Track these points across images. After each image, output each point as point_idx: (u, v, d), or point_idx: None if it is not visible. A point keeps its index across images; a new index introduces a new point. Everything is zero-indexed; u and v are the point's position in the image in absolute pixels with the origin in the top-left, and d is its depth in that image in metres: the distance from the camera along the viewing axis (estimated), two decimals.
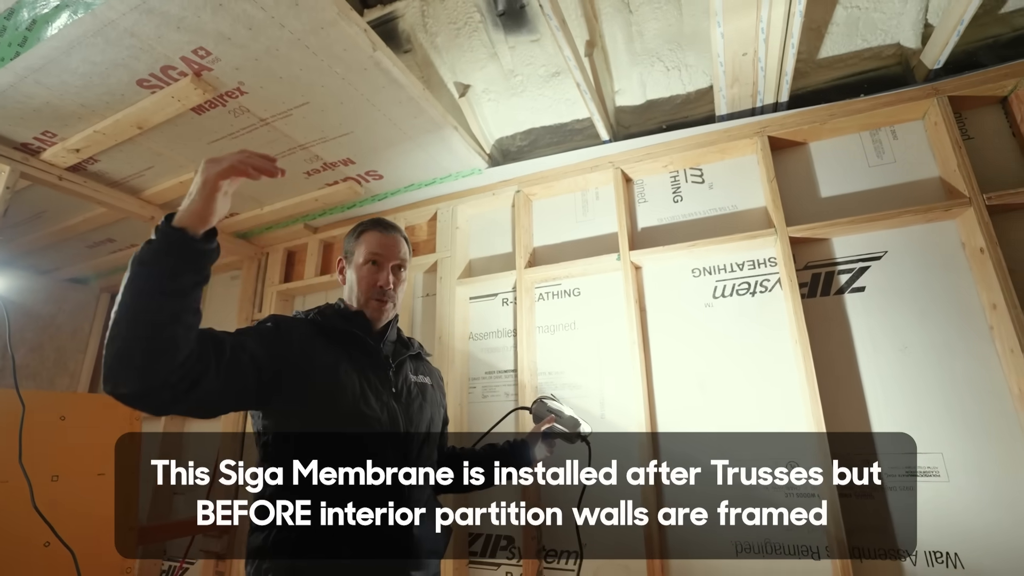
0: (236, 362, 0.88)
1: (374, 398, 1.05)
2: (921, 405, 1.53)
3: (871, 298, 1.67)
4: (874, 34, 1.78)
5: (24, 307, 3.15)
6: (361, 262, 1.16)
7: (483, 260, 2.37)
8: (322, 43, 1.46)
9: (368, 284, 1.14)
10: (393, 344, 1.20)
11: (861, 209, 1.73)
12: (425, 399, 1.17)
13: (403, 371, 1.16)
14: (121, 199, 2.29)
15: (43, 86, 1.59)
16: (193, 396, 0.81)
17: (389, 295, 1.15)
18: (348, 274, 1.19)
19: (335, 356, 1.05)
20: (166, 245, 0.76)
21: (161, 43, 1.44)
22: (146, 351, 0.75)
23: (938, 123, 1.66)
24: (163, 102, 1.66)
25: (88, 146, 1.90)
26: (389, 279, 1.15)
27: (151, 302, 0.75)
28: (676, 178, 2.09)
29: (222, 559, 2.45)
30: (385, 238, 1.18)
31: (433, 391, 1.23)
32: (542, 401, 1.38)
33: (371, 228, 1.19)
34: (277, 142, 1.96)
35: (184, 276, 0.77)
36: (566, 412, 1.33)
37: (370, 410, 1.03)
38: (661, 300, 1.96)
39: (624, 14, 1.89)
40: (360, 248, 1.17)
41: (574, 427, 1.30)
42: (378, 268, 1.15)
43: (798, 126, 1.82)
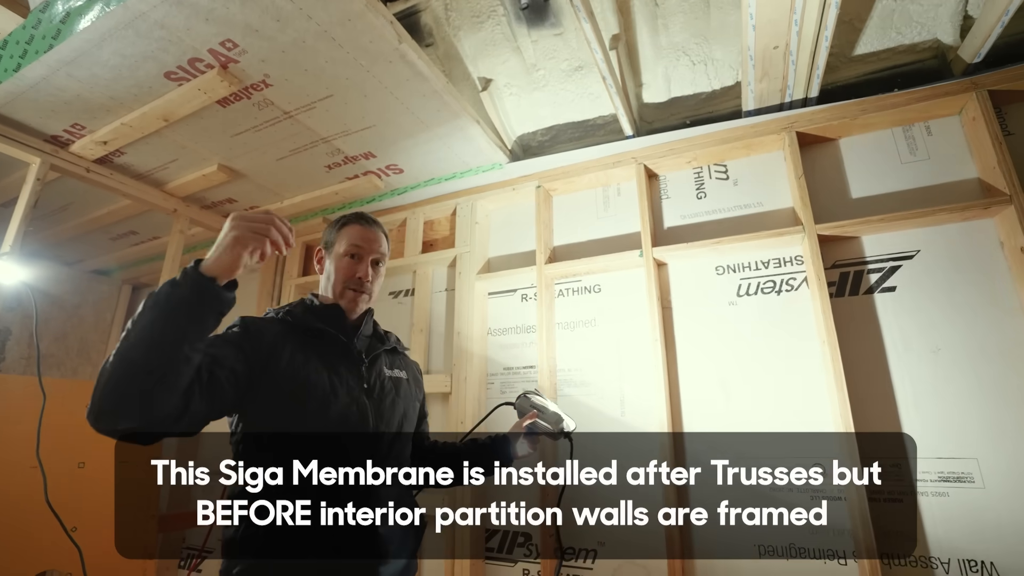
0: (214, 381, 0.89)
1: (344, 394, 1.05)
2: (954, 409, 1.49)
3: (902, 298, 1.62)
4: (909, 27, 1.73)
5: (50, 297, 3.22)
6: (341, 253, 1.17)
7: (503, 256, 2.36)
8: (348, 35, 1.46)
9: (346, 275, 1.15)
10: (368, 339, 1.20)
11: (892, 207, 1.68)
12: (399, 394, 1.17)
13: (377, 366, 1.16)
14: (145, 191, 2.32)
15: (74, 79, 1.61)
16: (183, 422, 0.83)
17: (366, 287, 1.17)
18: (326, 264, 1.21)
19: (305, 354, 1.05)
20: (197, 290, 0.80)
21: (190, 35, 1.45)
22: (155, 387, 0.76)
23: (976, 118, 1.61)
24: (189, 94, 1.67)
25: (115, 138, 1.93)
26: (368, 272, 1.17)
27: (173, 342, 0.78)
28: (700, 174, 2.05)
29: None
30: (367, 231, 1.19)
31: (408, 385, 1.23)
32: (526, 396, 1.38)
33: (353, 221, 1.21)
34: (300, 135, 1.96)
35: (207, 320, 0.82)
36: (550, 408, 1.32)
37: (339, 407, 1.03)
38: (684, 298, 1.93)
39: (650, 7, 1.86)
40: (341, 240, 1.19)
41: (557, 423, 1.28)
42: (357, 260, 1.17)
43: (827, 122, 1.78)
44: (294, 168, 2.21)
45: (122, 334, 0.78)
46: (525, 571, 1.91)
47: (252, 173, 2.25)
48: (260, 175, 2.27)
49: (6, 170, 2.16)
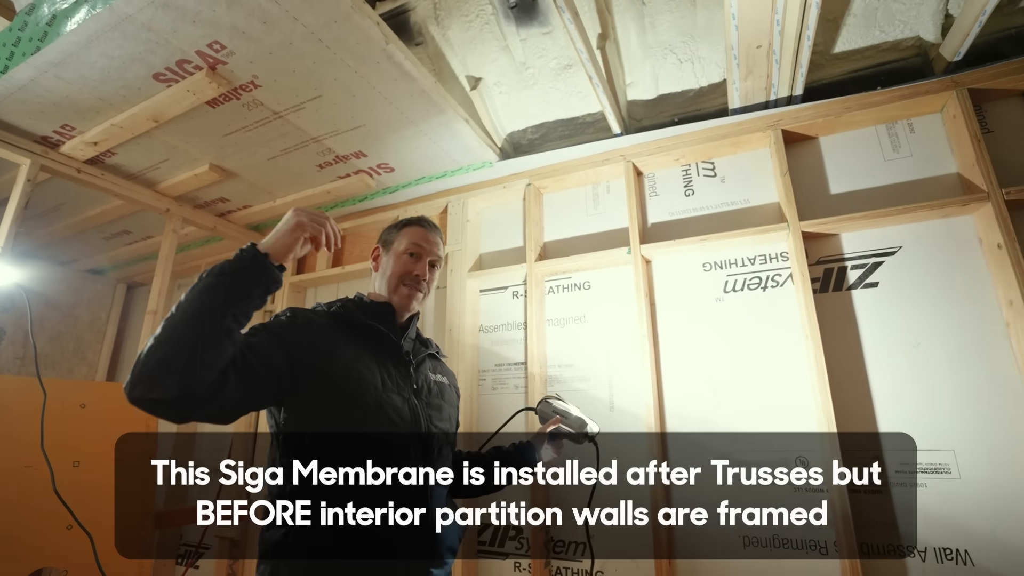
0: (248, 367, 0.89)
1: (395, 393, 1.05)
2: (933, 402, 1.52)
3: (884, 293, 1.65)
4: (892, 25, 1.75)
5: (45, 297, 3.22)
6: (401, 250, 1.19)
7: (494, 253, 2.38)
8: (335, 36, 1.47)
9: (404, 270, 1.17)
10: (413, 341, 1.20)
11: (876, 203, 1.70)
12: (444, 398, 1.17)
13: (423, 368, 1.17)
14: (137, 191, 2.32)
15: (62, 80, 1.62)
16: (217, 401, 0.83)
17: (421, 285, 1.18)
18: (383, 260, 1.22)
19: (355, 349, 1.05)
20: (253, 264, 0.87)
21: (177, 37, 1.45)
22: (197, 358, 0.79)
23: (956, 116, 1.64)
24: (178, 95, 1.68)
25: (105, 139, 1.93)
26: (425, 270, 1.19)
27: (221, 312, 0.82)
28: (688, 172, 2.07)
29: (237, 545, 2.50)
30: (427, 234, 1.22)
31: (451, 391, 1.23)
32: (547, 401, 1.36)
33: (416, 223, 1.23)
34: (290, 135, 1.98)
35: (253, 293, 0.87)
36: (573, 412, 1.31)
37: (392, 404, 1.03)
38: (672, 294, 1.95)
39: (637, 6, 1.87)
40: (402, 238, 1.21)
41: (581, 427, 1.27)
42: (416, 259, 1.18)
43: (812, 119, 1.80)
44: (286, 167, 2.22)
45: (171, 310, 0.81)
46: (516, 564, 1.94)
47: (244, 172, 2.26)
48: (252, 174, 2.28)
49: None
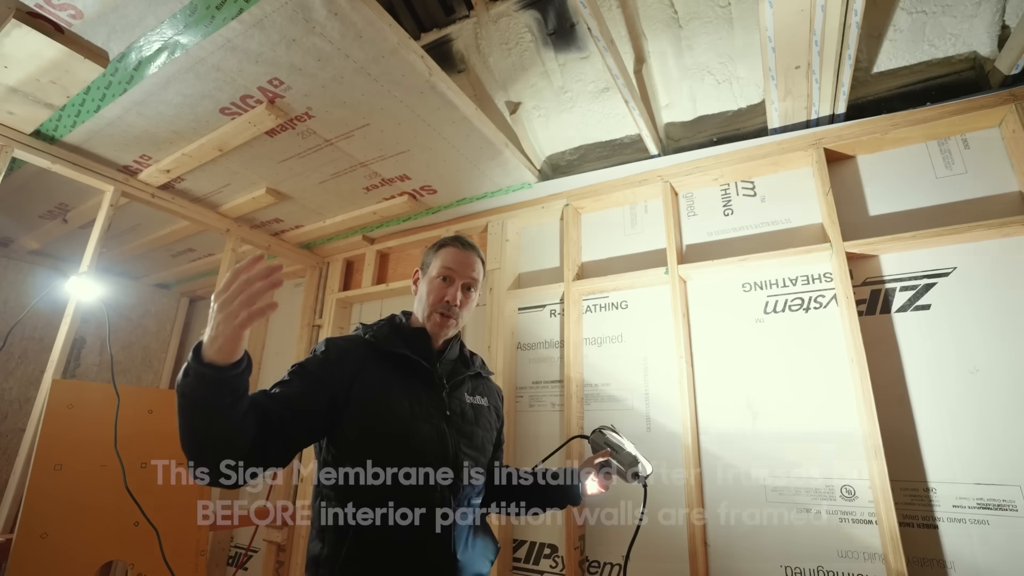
0: (286, 423, 0.90)
1: (424, 420, 1.05)
2: (994, 432, 1.43)
3: (937, 316, 1.58)
4: (943, 39, 1.70)
5: (118, 309, 3.51)
6: (434, 275, 1.17)
7: (532, 273, 2.42)
8: (382, 70, 1.57)
9: (436, 298, 1.14)
10: (452, 363, 1.19)
11: (927, 223, 1.64)
12: (479, 424, 1.15)
13: (459, 392, 1.15)
14: (202, 213, 2.52)
15: (143, 116, 1.80)
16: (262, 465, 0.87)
17: (454, 312, 1.14)
18: (420, 285, 1.21)
19: (385, 379, 1.05)
20: (201, 381, 0.76)
21: (242, 75, 1.59)
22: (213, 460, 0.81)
23: (1017, 131, 1.56)
24: (241, 127, 1.83)
25: (177, 167, 2.12)
26: (457, 296, 1.15)
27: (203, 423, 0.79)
28: (727, 191, 2.06)
29: (283, 550, 2.61)
30: (461, 255, 1.18)
31: (488, 412, 1.21)
32: (601, 431, 1.31)
33: (450, 244, 1.20)
34: (339, 160, 2.10)
35: (224, 397, 0.78)
36: (626, 448, 1.24)
37: (419, 435, 1.03)
38: (710, 315, 1.93)
39: (674, 29, 1.90)
40: (436, 262, 1.19)
41: (631, 465, 1.20)
42: (448, 283, 1.16)
43: (856, 137, 1.76)
44: (335, 190, 2.36)
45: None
46: None
47: (297, 195, 2.41)
48: (304, 197, 2.43)
49: (84, 196, 2.41)
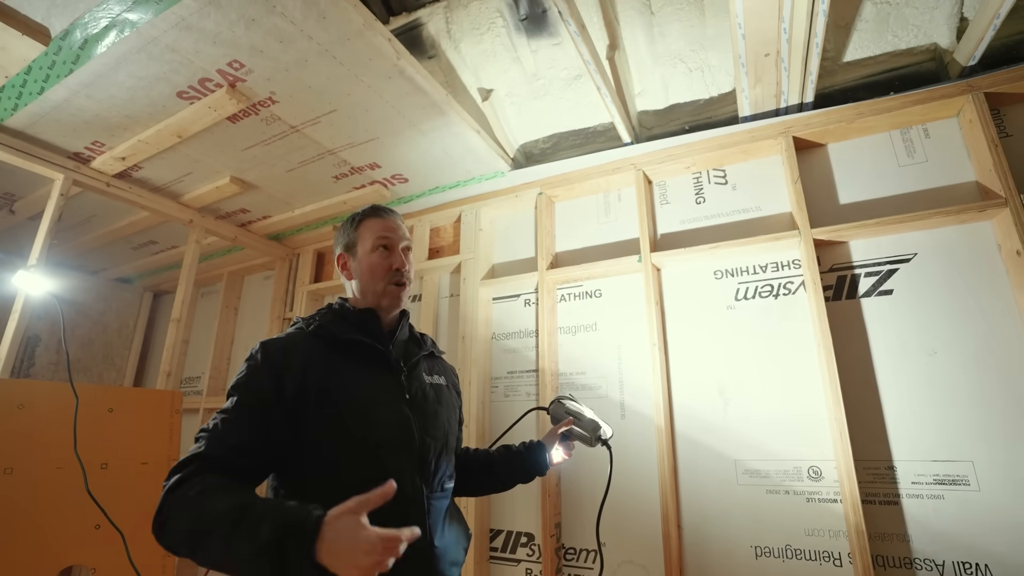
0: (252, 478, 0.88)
1: (386, 408, 0.99)
2: (950, 411, 1.49)
3: (899, 301, 1.62)
4: (906, 30, 1.73)
5: (76, 305, 3.36)
6: (369, 249, 1.09)
7: (506, 262, 2.41)
8: (348, 53, 1.51)
9: (384, 269, 1.07)
10: (404, 343, 1.12)
11: (891, 210, 1.68)
12: (441, 403, 1.10)
13: (416, 374, 1.09)
14: (162, 203, 2.41)
15: (93, 100, 1.70)
16: None
17: (407, 277, 1.10)
18: (353, 267, 1.11)
19: (338, 370, 0.97)
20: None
21: (199, 57, 1.52)
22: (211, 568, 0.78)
23: (973, 120, 1.61)
24: (200, 112, 1.75)
25: (133, 154, 2.02)
26: (404, 261, 1.09)
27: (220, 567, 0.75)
28: (699, 179, 2.07)
29: None
30: (389, 221, 1.11)
31: (448, 392, 1.16)
32: (560, 401, 1.33)
33: (370, 215, 1.12)
34: (307, 148, 2.04)
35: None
36: (586, 414, 1.28)
37: (382, 422, 0.97)
38: (683, 302, 1.95)
39: (646, 16, 1.89)
40: (364, 236, 1.10)
41: (594, 430, 1.23)
42: (390, 252, 1.09)
43: (824, 126, 1.79)
44: (303, 179, 2.29)
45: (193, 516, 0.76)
46: (528, 571, 1.95)
47: (263, 184, 2.33)
48: (271, 186, 2.35)
49: (32, 186, 2.28)
